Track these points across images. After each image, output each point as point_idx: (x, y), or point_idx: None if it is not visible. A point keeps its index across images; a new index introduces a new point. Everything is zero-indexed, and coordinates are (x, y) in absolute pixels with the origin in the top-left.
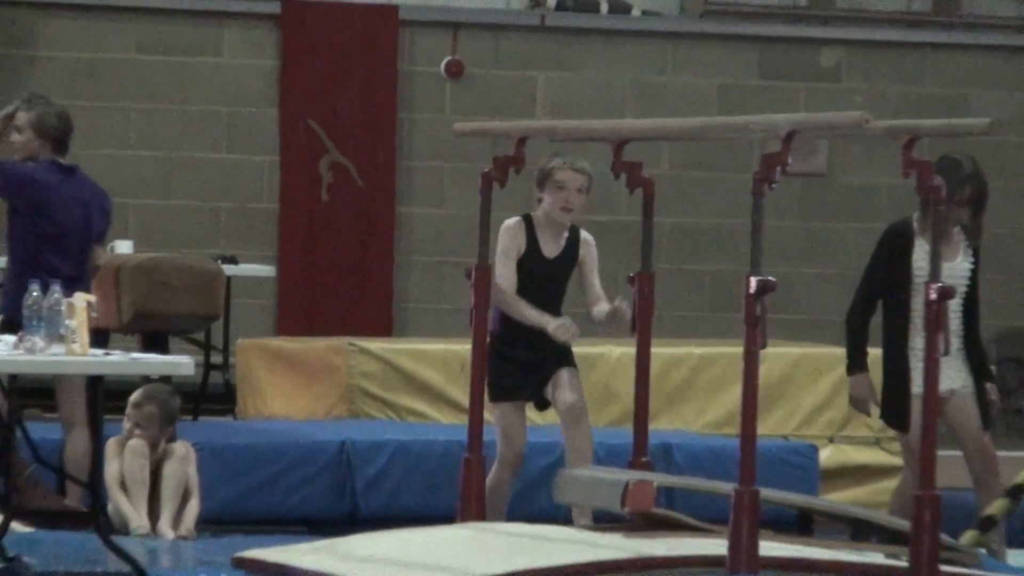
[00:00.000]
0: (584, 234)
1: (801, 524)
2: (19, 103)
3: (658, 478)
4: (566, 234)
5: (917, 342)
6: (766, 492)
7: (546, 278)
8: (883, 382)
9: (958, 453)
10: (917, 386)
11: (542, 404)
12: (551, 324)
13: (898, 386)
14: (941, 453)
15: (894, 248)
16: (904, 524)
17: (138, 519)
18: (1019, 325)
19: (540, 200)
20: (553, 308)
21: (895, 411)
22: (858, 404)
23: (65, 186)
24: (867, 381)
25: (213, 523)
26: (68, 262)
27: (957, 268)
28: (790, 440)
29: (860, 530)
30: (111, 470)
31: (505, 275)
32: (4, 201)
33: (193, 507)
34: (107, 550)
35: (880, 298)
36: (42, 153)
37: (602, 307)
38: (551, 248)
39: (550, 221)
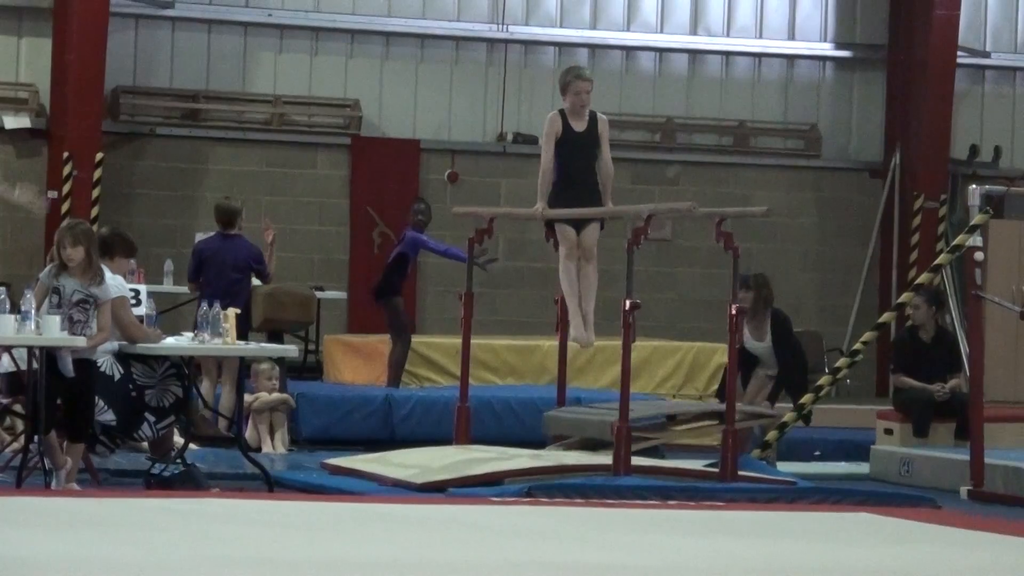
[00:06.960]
0: (600, 115)
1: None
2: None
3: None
4: (587, 116)
5: None
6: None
7: (579, 144)
8: None
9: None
10: None
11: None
12: (537, 207)
13: None
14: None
15: None
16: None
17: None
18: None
19: (564, 99)
20: (586, 165)
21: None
22: None
23: (220, 246)
24: None
25: (308, 443)
26: (220, 289)
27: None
28: (649, 395)
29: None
30: (249, 410)
31: (545, 155)
32: None
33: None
34: (245, 460)
35: None
36: (218, 227)
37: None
38: (579, 125)
39: (573, 112)
